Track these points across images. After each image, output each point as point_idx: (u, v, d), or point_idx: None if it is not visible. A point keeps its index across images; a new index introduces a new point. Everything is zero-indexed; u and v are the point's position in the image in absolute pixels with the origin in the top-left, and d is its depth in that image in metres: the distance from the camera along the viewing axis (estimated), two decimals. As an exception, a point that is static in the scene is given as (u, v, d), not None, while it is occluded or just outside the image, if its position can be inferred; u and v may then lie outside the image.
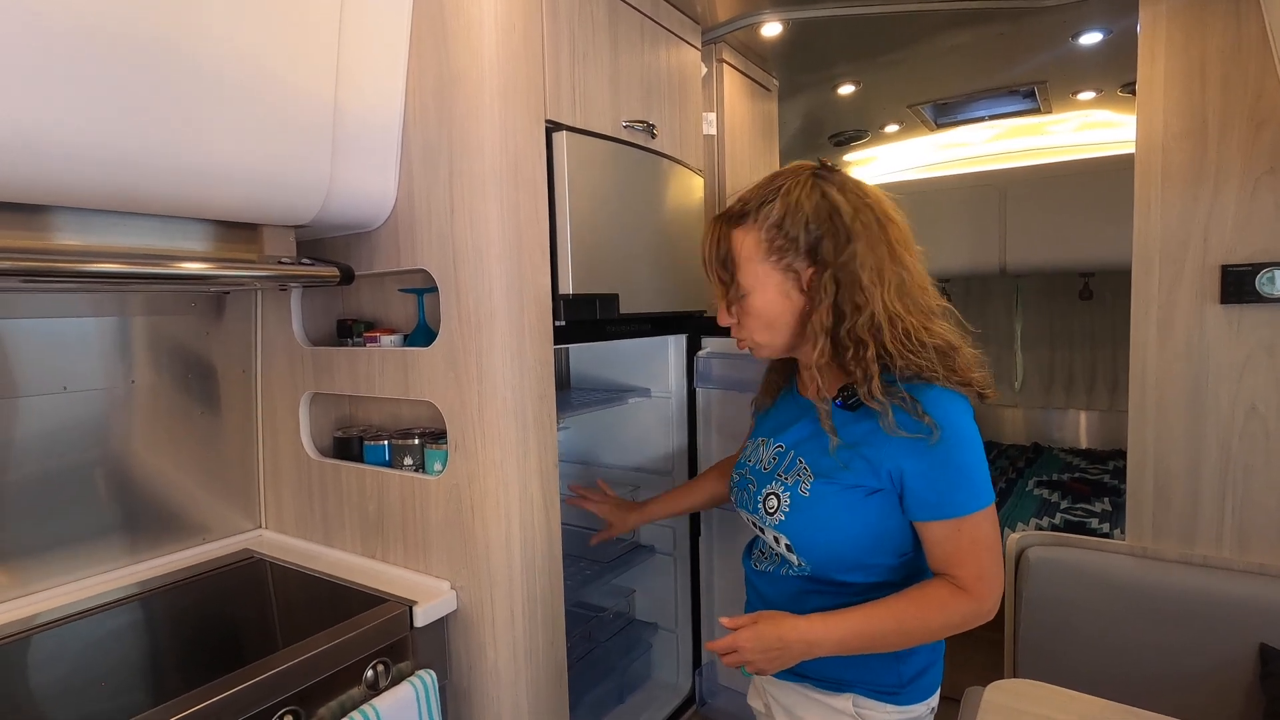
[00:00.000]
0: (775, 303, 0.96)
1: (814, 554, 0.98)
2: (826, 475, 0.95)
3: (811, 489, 0.96)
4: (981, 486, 0.88)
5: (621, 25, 1.48)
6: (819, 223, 0.92)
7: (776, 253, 0.94)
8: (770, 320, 0.98)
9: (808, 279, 0.94)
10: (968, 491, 0.88)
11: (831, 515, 0.94)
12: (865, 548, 0.95)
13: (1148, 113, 1.55)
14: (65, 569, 1.28)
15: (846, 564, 0.96)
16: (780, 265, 0.95)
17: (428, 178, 1.24)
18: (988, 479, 0.89)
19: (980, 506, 0.88)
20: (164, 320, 1.43)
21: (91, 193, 0.98)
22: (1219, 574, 1.50)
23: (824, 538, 0.96)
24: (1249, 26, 1.44)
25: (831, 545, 0.96)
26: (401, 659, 1.17)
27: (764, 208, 0.95)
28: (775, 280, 0.96)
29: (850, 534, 0.94)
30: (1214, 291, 1.49)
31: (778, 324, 0.98)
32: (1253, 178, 1.45)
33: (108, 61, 0.88)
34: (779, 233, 0.94)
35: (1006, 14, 1.88)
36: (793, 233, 0.93)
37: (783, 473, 1.00)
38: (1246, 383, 1.47)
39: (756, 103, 2.21)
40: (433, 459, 1.35)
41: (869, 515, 0.93)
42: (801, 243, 0.93)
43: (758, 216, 0.95)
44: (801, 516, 0.97)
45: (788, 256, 0.94)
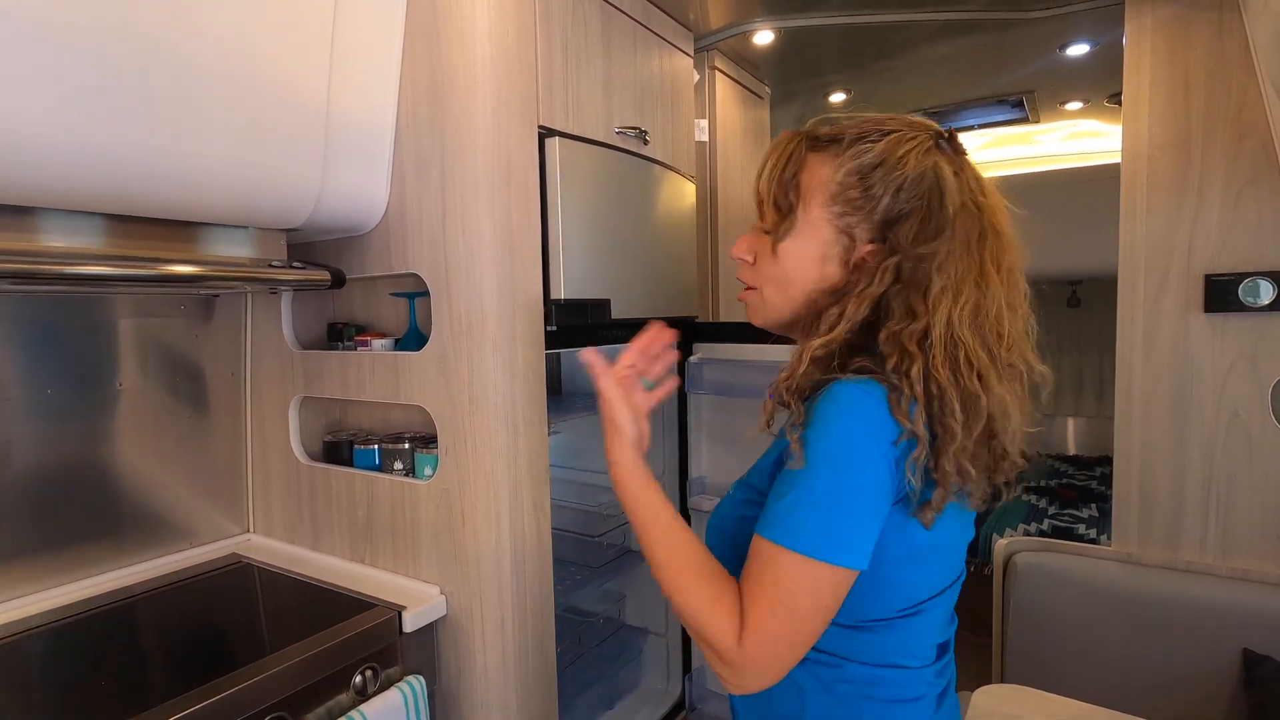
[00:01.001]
0: (808, 263, 0.76)
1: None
2: (746, 478, 0.81)
3: (734, 488, 0.83)
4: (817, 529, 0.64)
5: (614, 32, 1.49)
6: (913, 196, 0.72)
7: (844, 204, 0.74)
8: (790, 280, 0.77)
9: (861, 255, 0.74)
10: (791, 519, 0.65)
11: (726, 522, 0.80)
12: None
13: (1133, 123, 1.57)
14: (50, 573, 1.27)
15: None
16: (839, 222, 0.74)
17: (420, 182, 1.25)
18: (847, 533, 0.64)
19: (796, 547, 0.64)
20: (152, 323, 1.42)
21: (80, 194, 0.97)
22: (1203, 579, 1.51)
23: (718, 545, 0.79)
24: (1231, 39, 1.47)
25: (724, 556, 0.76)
26: (390, 664, 1.16)
27: (859, 144, 0.74)
28: (823, 236, 0.75)
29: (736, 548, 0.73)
30: (1198, 300, 1.51)
31: (795, 288, 0.77)
32: (1236, 188, 1.47)
33: (98, 62, 0.88)
34: (860, 182, 0.73)
35: (995, 25, 1.91)
36: (876, 191, 0.72)
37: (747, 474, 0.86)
38: (1229, 391, 1.49)
39: (748, 110, 2.22)
40: (423, 463, 1.34)
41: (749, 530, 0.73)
42: (880, 208, 0.72)
43: (847, 151, 0.74)
44: (715, 521, 0.84)
45: (853, 216, 0.74)
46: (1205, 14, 1.49)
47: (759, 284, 0.81)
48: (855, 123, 0.77)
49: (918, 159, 0.73)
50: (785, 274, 0.78)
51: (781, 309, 0.80)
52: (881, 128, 0.75)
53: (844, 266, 0.75)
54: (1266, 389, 1.46)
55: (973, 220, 0.73)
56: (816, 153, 0.77)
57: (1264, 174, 1.44)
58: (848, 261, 0.75)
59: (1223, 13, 1.47)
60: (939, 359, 0.67)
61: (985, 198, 0.75)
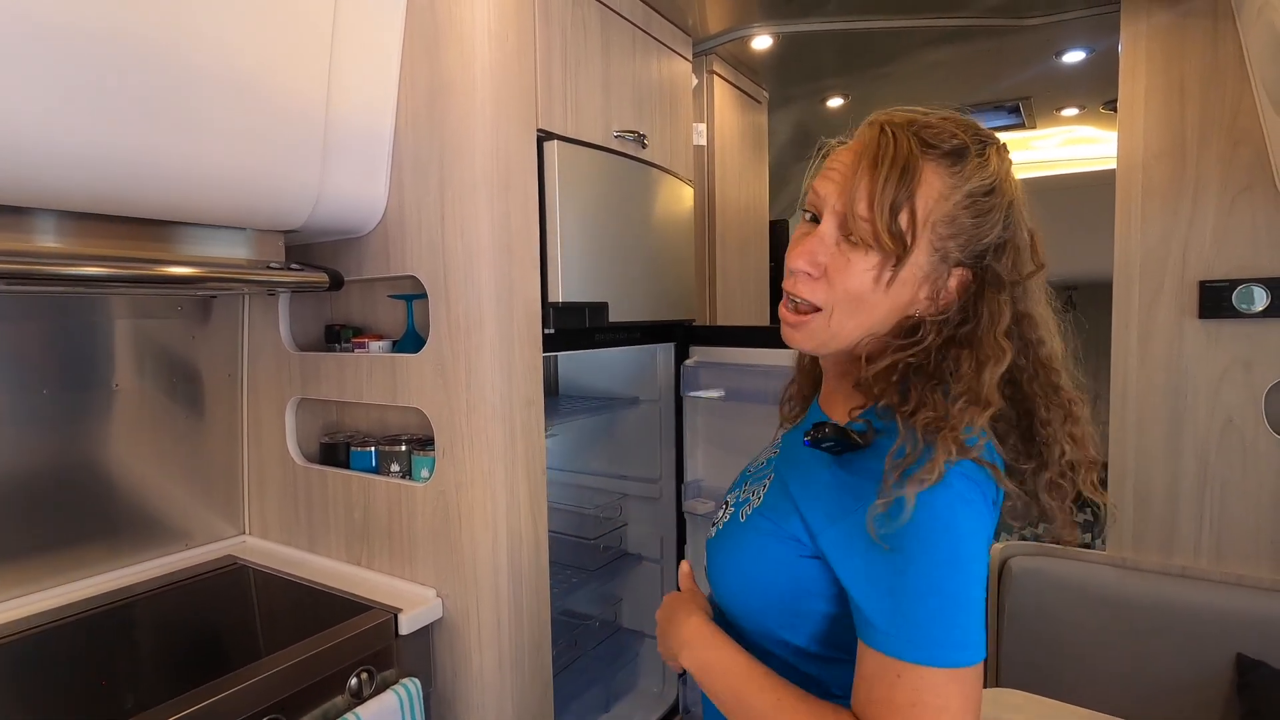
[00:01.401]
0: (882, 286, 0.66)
1: (721, 592, 0.76)
2: (771, 509, 0.71)
3: (749, 517, 0.73)
4: (968, 633, 0.57)
5: (613, 36, 1.49)
6: (1011, 222, 0.66)
7: (950, 226, 0.64)
8: (861, 302, 0.66)
9: (954, 284, 0.66)
10: (941, 632, 0.56)
11: (750, 558, 0.71)
12: (773, 615, 0.70)
13: (1128, 130, 1.58)
14: (44, 575, 1.26)
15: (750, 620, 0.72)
16: (939, 243, 0.65)
17: (418, 185, 1.25)
18: (976, 628, 0.58)
19: (948, 662, 0.56)
20: (149, 324, 1.42)
21: (78, 195, 0.97)
22: (1197, 584, 1.52)
23: (733, 579, 0.74)
24: (1226, 47, 1.48)
25: (738, 592, 0.73)
26: (386, 667, 1.16)
27: (974, 157, 0.65)
28: (918, 260, 0.65)
29: (762, 591, 0.70)
30: (1192, 307, 1.52)
31: (865, 311, 0.67)
32: (1230, 195, 1.48)
33: (97, 64, 0.88)
34: (974, 204, 0.64)
35: (991, 31, 1.92)
36: (991, 218, 0.65)
37: (750, 483, 0.79)
38: (1224, 397, 1.50)
39: (746, 114, 2.23)
40: (420, 465, 1.34)
41: (793, 581, 0.67)
42: (985, 235, 0.65)
43: (965, 167, 0.65)
44: (725, 544, 0.76)
45: (955, 239, 0.65)
46: (1200, 22, 1.50)
47: (831, 304, 0.68)
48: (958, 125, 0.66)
49: (1016, 179, 0.67)
50: (861, 296, 0.66)
51: (849, 335, 0.68)
52: (982, 136, 0.67)
53: (933, 295, 0.67)
54: (1260, 395, 1.47)
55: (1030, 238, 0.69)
56: (937, 163, 0.65)
57: (1258, 181, 1.45)
58: (934, 285, 0.66)
59: (1217, 21, 1.48)
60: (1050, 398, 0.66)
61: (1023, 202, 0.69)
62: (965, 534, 0.59)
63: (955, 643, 0.57)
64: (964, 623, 0.57)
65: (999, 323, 0.64)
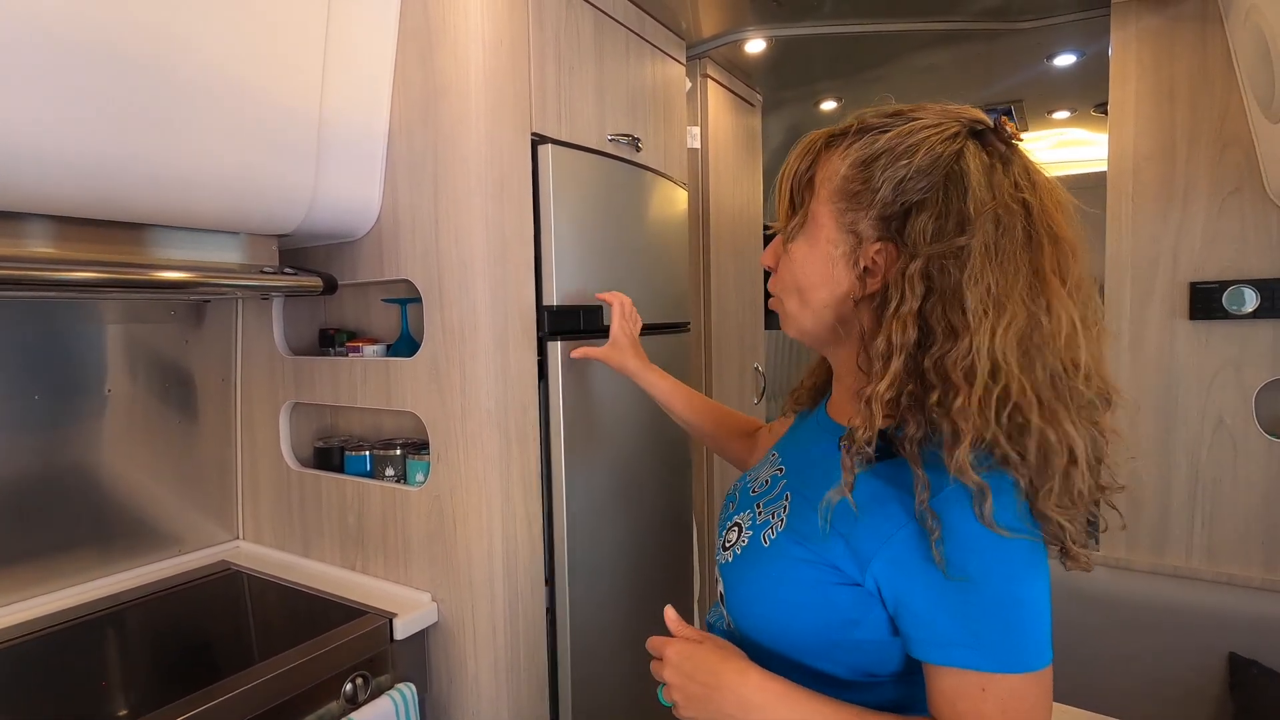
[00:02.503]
0: (813, 265, 0.69)
1: (745, 621, 0.72)
2: (800, 533, 0.68)
3: (774, 542, 0.69)
4: (1034, 639, 0.58)
5: (607, 40, 1.49)
6: (922, 185, 0.62)
7: (846, 198, 0.66)
8: (801, 285, 0.70)
9: (870, 255, 0.65)
10: (1014, 640, 0.58)
11: (781, 586, 0.67)
12: (811, 647, 0.67)
13: (1119, 133, 1.60)
14: (34, 581, 1.25)
15: (780, 653, 0.69)
16: (843, 218, 0.67)
17: (413, 189, 1.25)
18: (1047, 630, 0.60)
19: (1027, 667, 0.57)
20: (142, 328, 1.41)
21: (70, 200, 0.97)
22: (1189, 584, 1.53)
23: (762, 609, 0.70)
24: (1215, 50, 1.49)
25: (767, 621, 0.69)
26: (381, 672, 1.16)
27: (871, 134, 0.66)
28: (826, 234, 0.68)
29: (798, 621, 0.67)
30: (1183, 308, 1.54)
31: (809, 295, 0.70)
32: (1219, 197, 1.50)
33: (88, 69, 0.88)
34: (861, 173, 0.65)
35: (983, 35, 1.93)
36: (877, 181, 0.64)
37: (763, 504, 0.75)
38: (1214, 397, 1.51)
39: (740, 117, 2.24)
40: (415, 470, 1.34)
41: (832, 609, 0.64)
42: (880, 198, 0.64)
43: (856, 141, 0.67)
44: (748, 570, 0.71)
45: (856, 212, 0.66)
46: (1189, 26, 1.52)
47: (780, 293, 0.74)
48: (878, 111, 0.69)
49: (932, 147, 0.63)
50: (798, 280, 0.71)
51: (801, 319, 0.72)
52: (908, 115, 0.67)
53: (853, 268, 0.67)
54: (1250, 395, 1.48)
55: (1014, 220, 0.61)
56: (832, 149, 0.69)
57: (1247, 183, 1.47)
58: (856, 262, 0.66)
59: (1206, 25, 1.50)
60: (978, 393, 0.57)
61: (1036, 195, 0.63)
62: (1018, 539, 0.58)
63: (1031, 648, 0.58)
64: (1035, 626, 0.59)
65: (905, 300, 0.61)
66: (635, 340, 1.27)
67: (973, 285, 0.59)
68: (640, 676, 1.57)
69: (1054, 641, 0.61)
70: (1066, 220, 0.64)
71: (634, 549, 1.55)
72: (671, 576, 1.69)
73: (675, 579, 1.71)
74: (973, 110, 0.67)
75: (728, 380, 2.15)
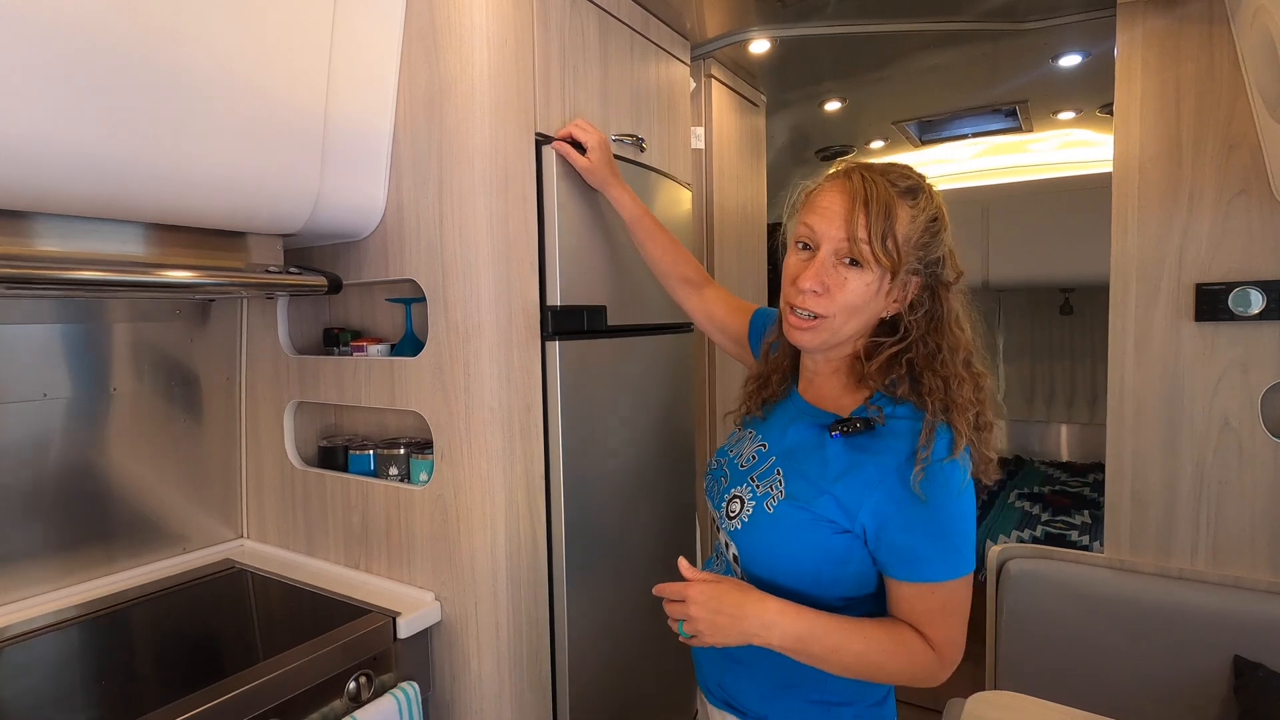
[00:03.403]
0: (872, 294, 0.87)
1: (759, 573, 0.92)
2: (798, 499, 0.88)
3: (777, 508, 0.89)
4: (967, 555, 0.83)
5: (612, 40, 1.49)
6: (946, 242, 0.89)
7: (914, 246, 0.86)
8: (856, 306, 0.87)
9: (912, 289, 0.89)
10: (952, 558, 0.82)
11: (789, 542, 0.88)
12: (814, 583, 0.89)
13: (1124, 134, 1.59)
14: (42, 579, 1.26)
15: (786, 592, 0.89)
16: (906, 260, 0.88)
17: (417, 188, 1.25)
18: (974, 547, 0.84)
19: (962, 574, 0.83)
20: (147, 327, 1.42)
21: (76, 199, 0.97)
22: (1194, 586, 1.52)
23: (774, 562, 0.90)
24: (1221, 51, 1.49)
25: (779, 571, 0.90)
26: (384, 671, 1.16)
27: (925, 195, 0.88)
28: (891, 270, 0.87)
29: (804, 566, 0.88)
30: (1189, 309, 1.53)
31: (860, 315, 0.89)
32: (1226, 198, 1.49)
33: (95, 67, 0.88)
34: (926, 230, 0.87)
35: (988, 35, 1.92)
36: (940, 239, 0.88)
37: (756, 478, 0.94)
38: (1220, 399, 1.51)
39: (744, 118, 2.24)
40: (418, 469, 1.34)
41: (830, 553, 0.87)
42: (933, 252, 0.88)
43: (918, 202, 0.87)
44: (758, 533, 0.91)
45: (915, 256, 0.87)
46: (1195, 27, 1.51)
47: (832, 312, 0.88)
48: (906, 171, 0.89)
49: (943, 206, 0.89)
50: (852, 302, 0.87)
51: (845, 333, 0.90)
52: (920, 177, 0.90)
53: (899, 298, 0.89)
54: (1256, 398, 1.47)
55: None
56: (907, 202, 0.87)
57: (1253, 184, 1.46)
58: (898, 295, 0.89)
59: (1212, 26, 1.49)
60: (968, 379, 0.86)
61: None
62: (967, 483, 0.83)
63: (965, 560, 0.83)
64: (967, 547, 0.83)
65: (953, 316, 0.89)
66: (611, 157, 1.35)
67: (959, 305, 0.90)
68: (641, 675, 1.58)
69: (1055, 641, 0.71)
70: None
71: (635, 548, 1.55)
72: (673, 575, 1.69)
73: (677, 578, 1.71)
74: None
75: (730, 380, 2.15)
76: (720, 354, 2.08)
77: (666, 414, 1.65)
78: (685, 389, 1.74)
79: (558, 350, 1.31)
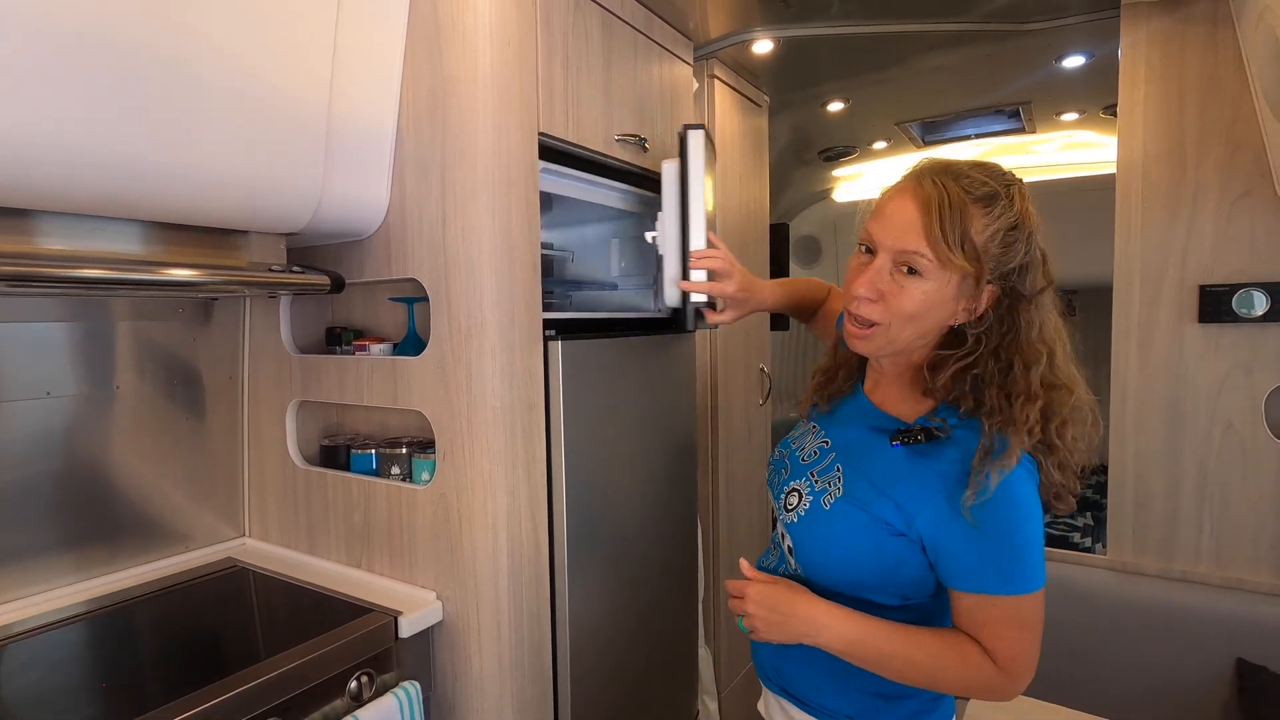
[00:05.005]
0: (941, 303, 0.83)
1: (812, 568, 0.93)
2: (856, 498, 0.88)
3: (834, 505, 0.89)
4: (1031, 569, 0.80)
5: (615, 40, 1.49)
6: (1031, 248, 0.83)
7: (990, 260, 0.82)
8: (918, 314, 0.84)
9: (984, 299, 0.84)
10: (1013, 570, 0.79)
11: (844, 540, 0.88)
12: (867, 584, 0.88)
13: (1128, 135, 1.59)
14: (44, 577, 1.26)
15: (841, 590, 0.90)
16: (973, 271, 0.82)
17: (420, 187, 1.25)
18: (1040, 561, 0.81)
19: (1025, 589, 0.79)
20: (150, 325, 1.42)
21: (79, 197, 0.98)
22: (1197, 589, 1.52)
23: (828, 558, 0.90)
24: (1225, 53, 1.48)
25: (832, 568, 0.90)
26: (386, 670, 1.16)
27: (1002, 202, 0.82)
28: (958, 279, 0.82)
29: (858, 566, 0.88)
30: (1192, 311, 1.53)
31: (923, 322, 0.85)
32: (1229, 200, 1.49)
33: (98, 65, 0.88)
34: (1003, 239, 0.81)
35: (991, 36, 1.92)
36: (1016, 248, 0.82)
37: (816, 473, 0.94)
38: (1224, 401, 1.50)
39: (747, 118, 2.23)
40: (420, 468, 1.34)
41: (884, 555, 0.86)
42: (1011, 260, 0.82)
43: (996, 209, 0.82)
44: (815, 529, 0.91)
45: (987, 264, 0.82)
46: (1199, 28, 1.51)
47: (889, 320, 0.86)
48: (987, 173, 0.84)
49: (1034, 211, 0.84)
50: (919, 313, 0.84)
51: (904, 341, 0.87)
52: (1003, 178, 0.84)
53: (969, 308, 0.85)
54: (1260, 399, 1.47)
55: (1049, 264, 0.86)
56: (981, 207, 0.82)
57: (1257, 186, 1.46)
58: (969, 304, 0.84)
59: (1217, 27, 1.49)
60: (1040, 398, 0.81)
61: None
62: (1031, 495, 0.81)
63: (1028, 574, 0.80)
64: (1032, 561, 0.80)
65: (1033, 329, 0.83)
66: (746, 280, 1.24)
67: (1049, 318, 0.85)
68: (642, 675, 1.58)
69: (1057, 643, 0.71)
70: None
71: (638, 548, 1.55)
72: (676, 576, 1.69)
73: (680, 578, 1.71)
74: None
75: (733, 381, 2.15)
76: (723, 355, 2.08)
77: (668, 413, 1.65)
78: (688, 388, 1.74)
79: (560, 350, 1.31)
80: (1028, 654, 0.80)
